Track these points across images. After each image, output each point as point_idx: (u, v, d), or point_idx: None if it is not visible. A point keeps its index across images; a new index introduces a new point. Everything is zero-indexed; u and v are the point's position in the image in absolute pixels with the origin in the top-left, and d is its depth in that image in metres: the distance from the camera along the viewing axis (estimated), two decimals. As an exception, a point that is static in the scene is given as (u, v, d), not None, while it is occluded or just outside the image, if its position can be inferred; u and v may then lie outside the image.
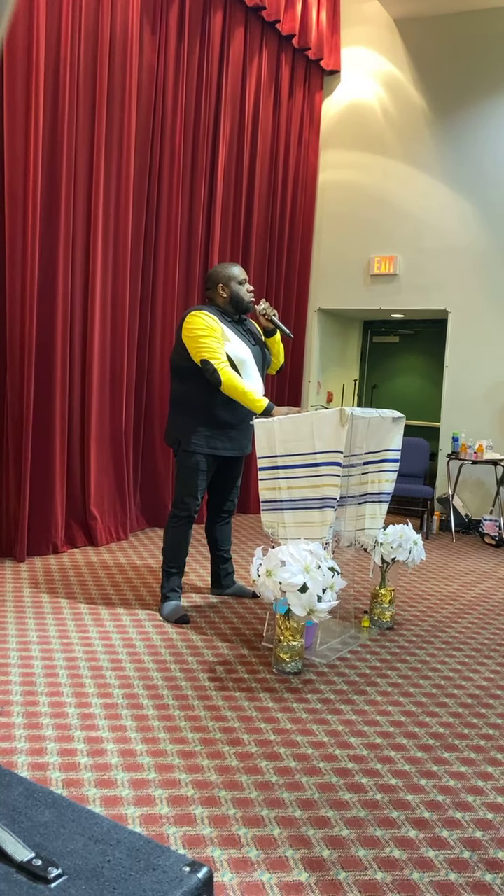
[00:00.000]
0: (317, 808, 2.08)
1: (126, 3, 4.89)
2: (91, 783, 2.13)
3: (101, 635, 3.35)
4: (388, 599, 3.73)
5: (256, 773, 2.25)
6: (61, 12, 4.42)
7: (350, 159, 7.23)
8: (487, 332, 6.60)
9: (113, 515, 5.26)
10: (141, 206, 5.34)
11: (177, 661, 3.11)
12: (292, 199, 7.08)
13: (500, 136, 6.53)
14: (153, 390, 5.68)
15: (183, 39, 5.49)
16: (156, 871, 0.72)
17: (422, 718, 2.72)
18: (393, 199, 7.00)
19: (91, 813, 0.81)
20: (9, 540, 4.54)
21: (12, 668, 2.91)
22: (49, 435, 4.66)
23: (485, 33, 6.56)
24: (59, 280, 4.61)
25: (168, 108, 5.45)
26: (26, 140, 4.30)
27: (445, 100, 6.76)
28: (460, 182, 6.70)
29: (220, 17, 5.89)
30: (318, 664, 3.17)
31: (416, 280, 6.95)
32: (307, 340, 7.51)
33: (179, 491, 3.69)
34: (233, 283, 3.66)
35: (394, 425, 3.68)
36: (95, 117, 4.78)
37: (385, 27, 7.00)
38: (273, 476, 3.30)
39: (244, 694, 2.82)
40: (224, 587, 4.10)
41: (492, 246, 6.58)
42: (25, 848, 0.73)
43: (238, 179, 6.29)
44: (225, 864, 1.81)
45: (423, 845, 1.94)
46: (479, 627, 3.87)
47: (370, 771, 2.31)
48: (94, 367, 4.97)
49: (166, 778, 2.18)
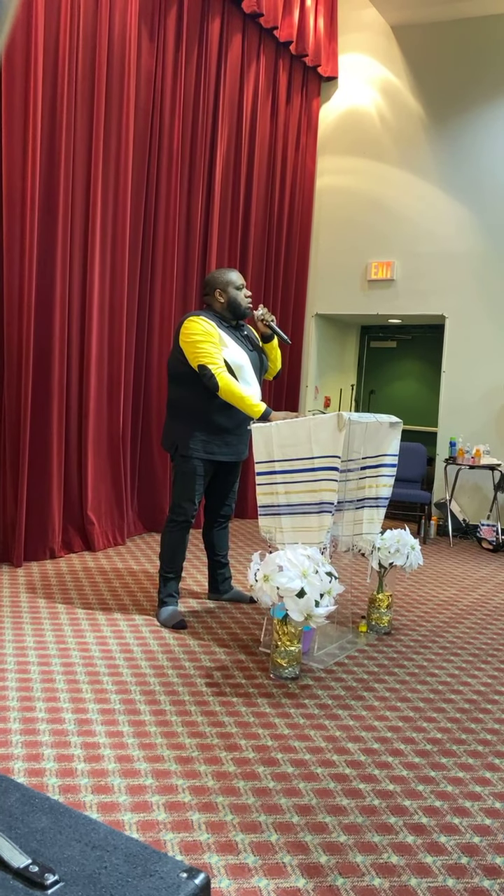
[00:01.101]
0: (314, 814, 2.08)
1: (124, 10, 4.90)
2: (88, 789, 2.12)
3: (98, 641, 3.35)
4: (386, 604, 3.73)
5: (254, 779, 2.24)
6: (59, 19, 4.44)
7: (347, 165, 7.26)
8: (484, 338, 6.62)
9: (110, 520, 5.25)
10: (139, 212, 5.35)
11: (174, 666, 3.11)
12: (290, 204, 7.10)
13: (496, 141, 6.56)
14: (150, 395, 5.68)
15: (181, 46, 5.51)
16: (153, 877, 0.72)
17: (419, 723, 2.72)
18: (390, 205, 7.02)
19: (88, 819, 0.81)
20: (6, 545, 4.53)
21: (9, 673, 2.90)
22: (46, 439, 4.66)
23: (481, 40, 6.59)
24: (57, 285, 4.61)
25: (166, 115, 5.46)
26: (24, 146, 4.31)
27: (442, 106, 6.79)
28: (457, 188, 6.72)
29: (218, 23, 5.91)
30: (315, 669, 3.16)
31: (414, 285, 6.97)
32: (305, 346, 7.52)
33: (177, 496, 3.69)
34: (230, 289, 3.67)
35: (391, 430, 3.68)
36: (93, 123, 4.79)
37: (382, 34, 7.03)
38: (271, 481, 3.30)
39: (241, 699, 2.81)
40: (221, 592, 4.10)
41: (489, 251, 6.60)
42: (22, 854, 0.73)
43: (236, 185, 6.30)
44: (222, 871, 1.80)
45: (421, 851, 1.94)
46: (476, 632, 3.87)
47: (368, 776, 2.31)
48: (92, 371, 4.97)
49: (163, 784, 2.18)
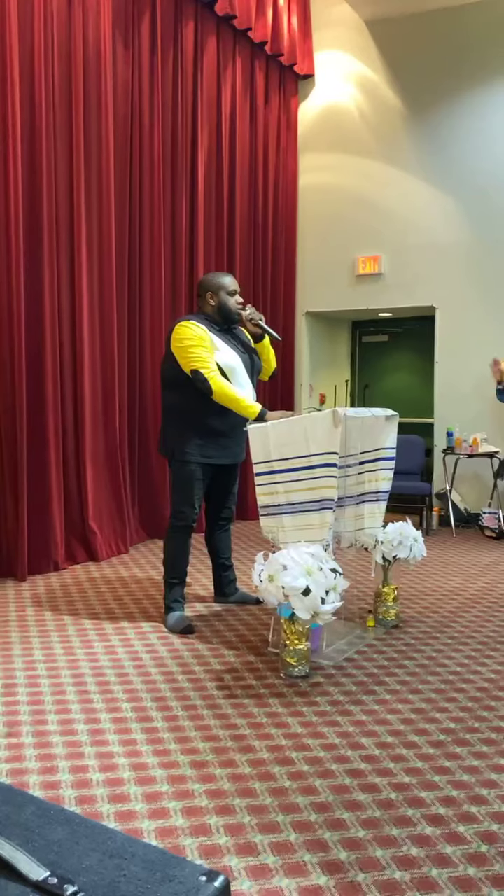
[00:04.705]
0: (332, 811, 2.08)
1: (97, 19, 4.91)
2: (104, 799, 2.12)
3: (106, 650, 3.34)
4: (392, 598, 3.73)
5: (270, 780, 2.24)
6: (33, 31, 4.44)
7: (329, 162, 7.26)
8: (475, 326, 6.62)
9: (112, 529, 5.25)
10: (123, 220, 5.35)
11: (184, 671, 3.10)
12: (273, 204, 7.10)
13: (476, 130, 6.57)
14: (146, 401, 5.68)
15: (156, 52, 5.51)
16: (172, 882, 0.72)
17: (432, 715, 2.72)
18: (374, 199, 7.03)
19: (104, 828, 0.81)
20: (9, 559, 4.52)
21: (20, 688, 2.90)
22: (44, 451, 4.66)
23: (456, 31, 6.60)
24: (46, 298, 4.61)
25: (145, 122, 5.47)
26: (5, 159, 4.31)
27: (420, 98, 6.80)
28: (440, 178, 6.73)
29: (192, 28, 5.92)
30: (325, 666, 3.16)
31: (402, 278, 6.98)
32: (297, 344, 7.52)
33: (176, 501, 3.69)
34: (222, 293, 3.67)
35: (387, 424, 3.68)
36: (73, 135, 4.79)
37: (356, 29, 7.04)
38: (270, 481, 3.30)
39: (253, 700, 2.81)
40: (227, 595, 4.10)
41: (474, 240, 6.61)
42: (40, 867, 0.73)
43: (219, 188, 6.30)
44: (243, 873, 1.80)
45: (441, 841, 1.94)
46: (483, 621, 3.87)
47: (383, 770, 2.31)
48: (86, 381, 4.97)
49: (179, 789, 2.18)
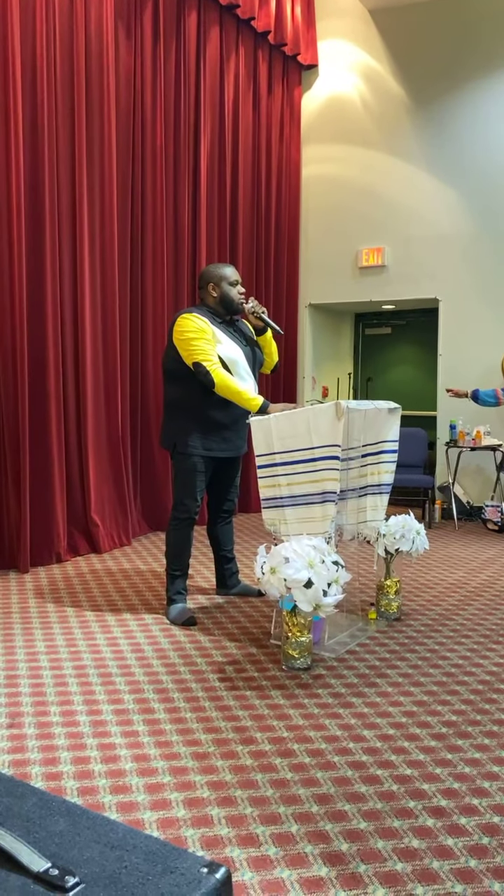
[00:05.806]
0: (333, 803, 2.08)
1: (100, 9, 4.88)
2: (106, 790, 2.12)
3: (108, 642, 3.35)
4: (394, 590, 3.73)
5: (271, 771, 2.24)
6: (35, 23, 4.41)
7: (332, 153, 7.22)
8: (479, 318, 6.60)
9: (114, 521, 5.25)
10: (126, 211, 5.33)
11: (186, 663, 3.11)
12: (277, 195, 7.07)
13: (480, 120, 6.53)
14: (148, 394, 5.67)
15: (158, 42, 5.48)
16: (173, 873, 0.72)
17: (433, 707, 2.72)
18: (377, 191, 7.00)
19: (106, 819, 0.80)
20: (11, 551, 4.53)
21: (21, 679, 2.91)
22: (46, 444, 4.66)
23: (460, 20, 6.56)
24: (48, 290, 4.60)
25: (147, 111, 5.44)
26: (7, 151, 4.30)
27: (424, 88, 6.75)
28: (444, 169, 6.70)
29: (195, 17, 5.88)
30: (327, 658, 3.17)
31: (405, 270, 6.95)
32: (299, 336, 7.50)
33: (178, 493, 3.69)
34: (223, 284, 3.66)
35: (390, 416, 3.67)
36: (75, 125, 4.76)
37: (360, 19, 6.99)
38: (272, 473, 3.30)
39: (255, 692, 2.81)
40: (229, 587, 4.10)
41: (478, 232, 6.58)
42: (41, 858, 0.73)
43: (221, 179, 6.28)
44: (244, 864, 1.81)
45: (442, 833, 1.94)
46: (485, 614, 3.87)
47: (385, 762, 2.31)
48: (88, 374, 4.96)
49: (181, 780, 2.18)
